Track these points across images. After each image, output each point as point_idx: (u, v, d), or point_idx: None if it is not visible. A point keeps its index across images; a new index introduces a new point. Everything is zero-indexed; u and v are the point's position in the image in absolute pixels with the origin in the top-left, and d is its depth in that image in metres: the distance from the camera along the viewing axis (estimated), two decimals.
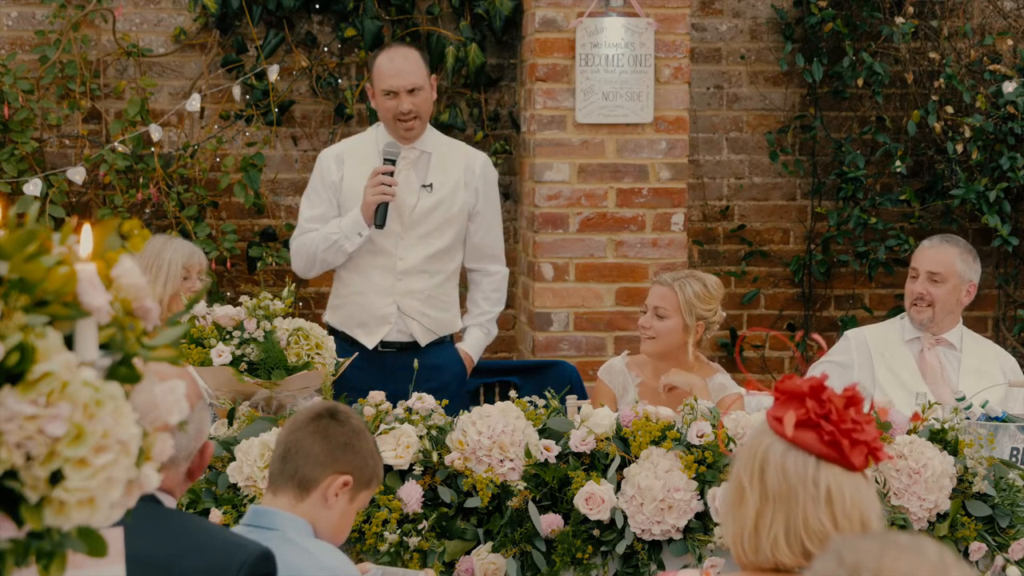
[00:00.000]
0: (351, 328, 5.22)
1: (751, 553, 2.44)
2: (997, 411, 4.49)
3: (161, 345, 1.68)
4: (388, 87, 5.15)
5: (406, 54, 5.22)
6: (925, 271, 5.17)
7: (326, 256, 5.20)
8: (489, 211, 5.34)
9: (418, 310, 5.23)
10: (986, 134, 6.71)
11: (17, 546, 1.58)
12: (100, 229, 1.68)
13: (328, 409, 3.28)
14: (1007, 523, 4.16)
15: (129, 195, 6.53)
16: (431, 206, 5.22)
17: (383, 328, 5.23)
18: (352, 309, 5.26)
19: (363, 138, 5.37)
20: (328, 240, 5.16)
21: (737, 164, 7.10)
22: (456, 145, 5.39)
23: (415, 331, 5.24)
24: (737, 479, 2.46)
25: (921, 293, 5.17)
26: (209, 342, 4.21)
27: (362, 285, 5.24)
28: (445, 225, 5.25)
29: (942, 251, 5.20)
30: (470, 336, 5.40)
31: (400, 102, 5.14)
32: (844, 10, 6.90)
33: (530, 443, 4.05)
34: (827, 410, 2.42)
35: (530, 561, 4.02)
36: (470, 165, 5.30)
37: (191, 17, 6.77)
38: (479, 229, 5.33)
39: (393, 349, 5.23)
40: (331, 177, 5.24)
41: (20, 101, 6.48)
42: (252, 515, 3.22)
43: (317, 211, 5.24)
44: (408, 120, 5.16)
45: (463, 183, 5.27)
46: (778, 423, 2.44)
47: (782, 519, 2.41)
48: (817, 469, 2.41)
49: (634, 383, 4.96)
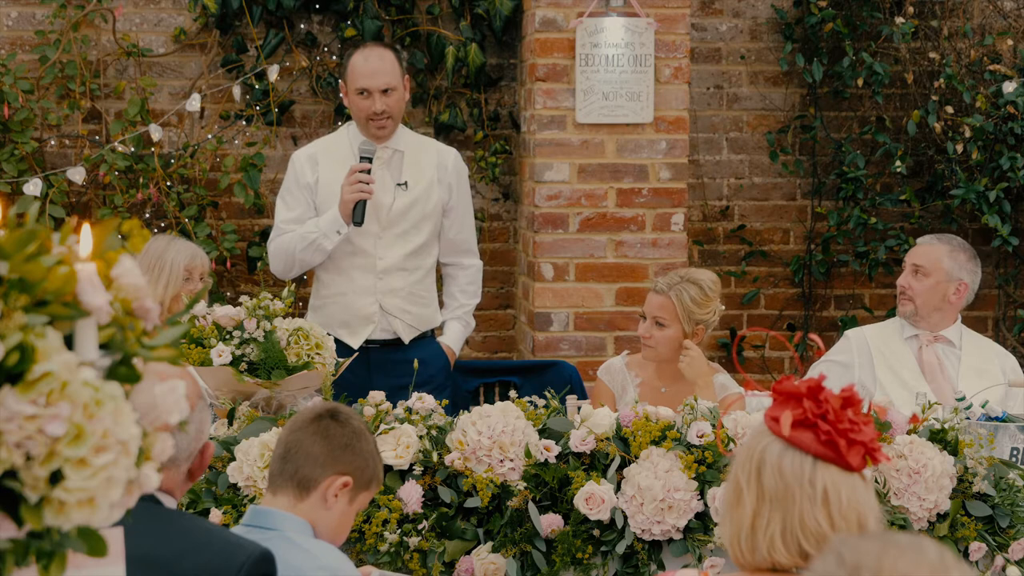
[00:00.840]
0: (334, 328, 5.21)
1: (748, 553, 2.44)
2: (997, 411, 4.49)
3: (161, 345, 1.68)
4: (361, 86, 5.18)
5: (381, 54, 5.24)
6: (910, 264, 5.24)
7: (304, 256, 5.21)
8: (462, 206, 5.40)
9: (400, 307, 5.26)
10: (986, 134, 6.71)
11: (17, 546, 1.58)
12: (100, 229, 1.68)
13: (329, 410, 3.28)
14: (1007, 523, 4.16)
15: (129, 195, 6.53)
16: (407, 204, 5.26)
17: (367, 327, 5.26)
18: (334, 310, 5.28)
19: (335, 138, 5.39)
20: (306, 240, 5.18)
21: (737, 164, 7.10)
22: (426, 142, 5.44)
23: (398, 328, 5.27)
24: (735, 479, 2.47)
25: (903, 286, 5.23)
26: (209, 342, 4.21)
27: (343, 286, 5.27)
28: (422, 222, 5.28)
29: (931, 247, 5.25)
30: (449, 329, 5.44)
31: (373, 102, 5.17)
32: (844, 10, 6.90)
33: (530, 443, 4.05)
34: (824, 410, 2.42)
35: (530, 561, 4.02)
36: (442, 162, 5.34)
37: (191, 17, 6.77)
38: (453, 224, 5.38)
39: (376, 346, 5.26)
40: (306, 179, 5.26)
41: (20, 101, 6.48)
42: (252, 515, 3.22)
43: (294, 213, 5.26)
44: (380, 120, 5.19)
45: (436, 179, 5.31)
46: (775, 423, 2.44)
47: (779, 519, 2.41)
48: (814, 469, 2.41)
49: (634, 383, 4.96)
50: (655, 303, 4.86)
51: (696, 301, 4.82)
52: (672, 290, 4.83)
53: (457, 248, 5.43)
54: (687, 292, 4.82)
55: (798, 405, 2.43)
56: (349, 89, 5.24)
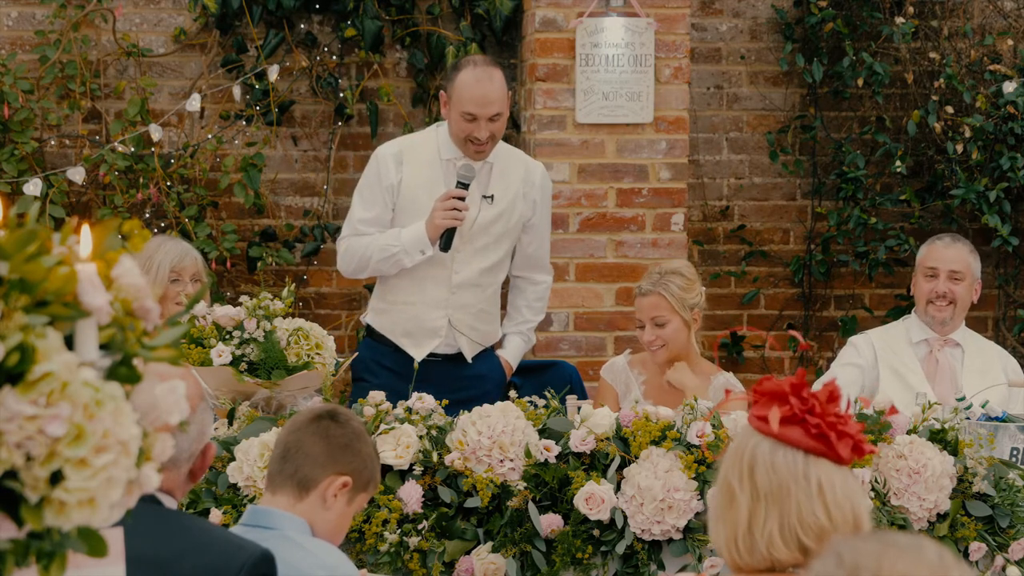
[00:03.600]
0: (396, 336, 5.07)
1: (746, 554, 2.44)
2: (997, 411, 4.49)
3: (161, 345, 1.68)
4: (470, 112, 4.91)
5: (492, 75, 4.96)
6: (947, 270, 5.21)
7: (380, 266, 5.02)
8: (544, 222, 5.22)
9: (468, 324, 5.08)
10: (986, 134, 6.71)
11: (17, 546, 1.58)
12: (100, 229, 1.68)
13: (328, 411, 3.29)
14: (1007, 523, 4.16)
15: (129, 195, 6.53)
16: (492, 218, 5.06)
17: (432, 341, 5.06)
18: (399, 317, 5.09)
19: (423, 138, 5.17)
20: (387, 252, 4.98)
21: (737, 164, 7.10)
22: (515, 154, 5.23)
23: (463, 345, 5.09)
24: (725, 483, 2.47)
25: (944, 292, 5.20)
26: (209, 342, 4.21)
27: (414, 295, 5.06)
28: (503, 237, 5.10)
29: (957, 250, 5.25)
30: (511, 344, 5.26)
31: (478, 128, 4.93)
32: (844, 10, 6.90)
33: (530, 443, 4.05)
34: (810, 405, 2.44)
35: (530, 561, 4.02)
36: (529, 176, 5.14)
37: (191, 17, 6.76)
38: (533, 240, 5.19)
39: (438, 359, 5.07)
40: (390, 179, 5.02)
41: (20, 101, 6.48)
42: (251, 515, 3.23)
43: (371, 213, 5.04)
44: (481, 145, 4.97)
45: (521, 194, 5.11)
46: (762, 422, 2.45)
47: (776, 516, 2.41)
48: (807, 464, 2.43)
49: (638, 381, 4.96)
50: (648, 305, 4.85)
51: (683, 288, 4.85)
52: (658, 286, 4.84)
53: (532, 263, 5.24)
54: (673, 283, 4.84)
55: (783, 403, 2.45)
56: (454, 107, 4.95)
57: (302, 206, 6.87)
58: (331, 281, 6.90)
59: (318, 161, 6.88)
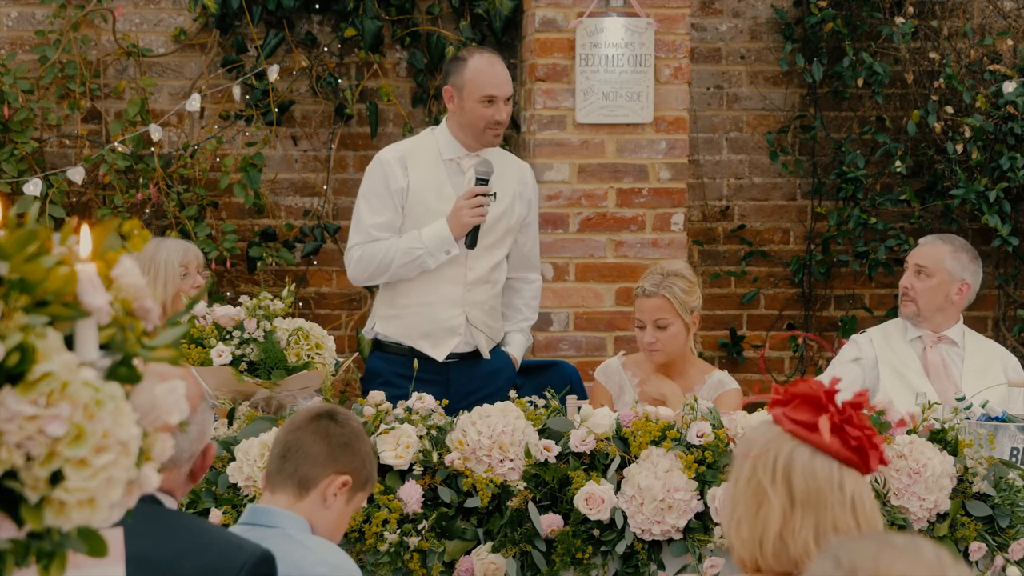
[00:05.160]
0: (414, 339, 5.04)
1: (771, 557, 2.40)
2: (997, 411, 4.49)
3: (161, 345, 1.68)
4: (490, 94, 4.97)
5: (500, 60, 5.08)
6: (913, 264, 5.22)
7: (401, 270, 4.99)
8: (535, 221, 5.30)
9: (483, 321, 5.11)
10: (986, 134, 6.71)
11: (17, 546, 1.58)
12: (100, 229, 1.68)
13: (327, 410, 3.30)
14: (1007, 523, 4.16)
15: (129, 195, 6.53)
16: (497, 216, 5.08)
17: (452, 340, 5.06)
18: (415, 320, 5.07)
19: (422, 142, 5.17)
20: (410, 255, 4.96)
21: (737, 164, 7.10)
22: (506, 155, 5.28)
23: (480, 341, 5.10)
24: (755, 482, 2.43)
25: (905, 287, 5.22)
26: (209, 342, 4.21)
27: (429, 296, 5.05)
28: (506, 235, 5.15)
29: (933, 247, 5.23)
30: (514, 341, 5.27)
31: (498, 110, 4.99)
32: (844, 10, 6.91)
33: (530, 443, 4.05)
34: (847, 415, 2.42)
35: (530, 561, 4.02)
36: (523, 176, 5.21)
37: (191, 17, 6.77)
38: (528, 239, 5.25)
39: (456, 359, 5.09)
40: (399, 183, 5.02)
41: (20, 101, 6.48)
42: (250, 514, 3.23)
43: (383, 218, 5.01)
44: (498, 129, 5.04)
45: (518, 194, 5.17)
46: (801, 427, 2.42)
47: (811, 524, 2.39)
48: (841, 474, 2.41)
49: (632, 383, 4.96)
50: (652, 306, 4.83)
51: (686, 291, 4.83)
52: (662, 288, 4.82)
53: (527, 263, 5.28)
54: (676, 286, 4.83)
55: (821, 410, 2.42)
56: (468, 96, 4.98)
57: (302, 206, 6.87)
58: (331, 281, 6.91)
59: (318, 161, 6.88)
